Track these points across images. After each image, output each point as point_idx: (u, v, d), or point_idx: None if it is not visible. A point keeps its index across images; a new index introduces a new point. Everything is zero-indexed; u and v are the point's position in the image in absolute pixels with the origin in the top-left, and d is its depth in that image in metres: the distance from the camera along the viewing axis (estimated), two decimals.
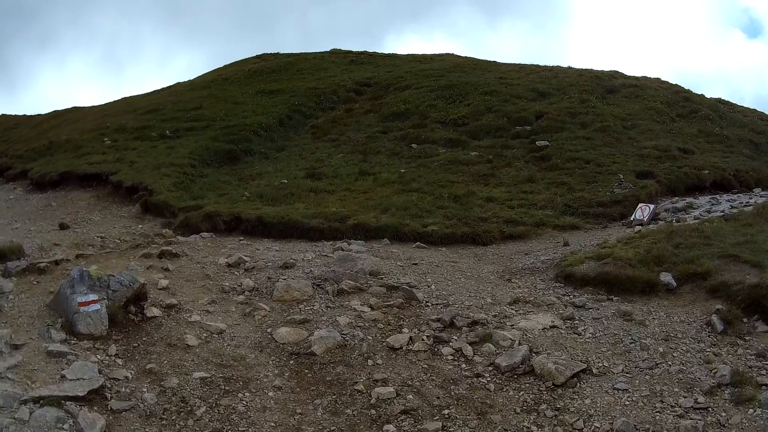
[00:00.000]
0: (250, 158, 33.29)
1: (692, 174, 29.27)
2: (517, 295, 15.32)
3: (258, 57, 59.79)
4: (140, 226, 23.34)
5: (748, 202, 24.59)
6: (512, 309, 14.38)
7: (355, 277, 15.59)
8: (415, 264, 17.91)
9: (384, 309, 13.99)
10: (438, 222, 22.57)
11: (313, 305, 14.11)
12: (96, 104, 54.35)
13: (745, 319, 13.19)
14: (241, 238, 21.00)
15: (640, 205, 23.78)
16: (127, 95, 55.65)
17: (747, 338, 12.58)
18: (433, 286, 15.69)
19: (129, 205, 26.31)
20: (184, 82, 56.88)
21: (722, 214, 22.10)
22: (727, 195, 28.04)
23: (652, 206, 23.46)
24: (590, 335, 13.16)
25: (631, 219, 23.20)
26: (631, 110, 38.91)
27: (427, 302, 14.55)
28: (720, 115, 41.82)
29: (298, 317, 13.46)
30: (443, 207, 24.53)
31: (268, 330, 13.04)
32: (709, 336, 12.85)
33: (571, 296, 15.27)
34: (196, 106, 41.61)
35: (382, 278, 15.93)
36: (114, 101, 53.59)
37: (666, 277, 15.14)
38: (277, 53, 60.37)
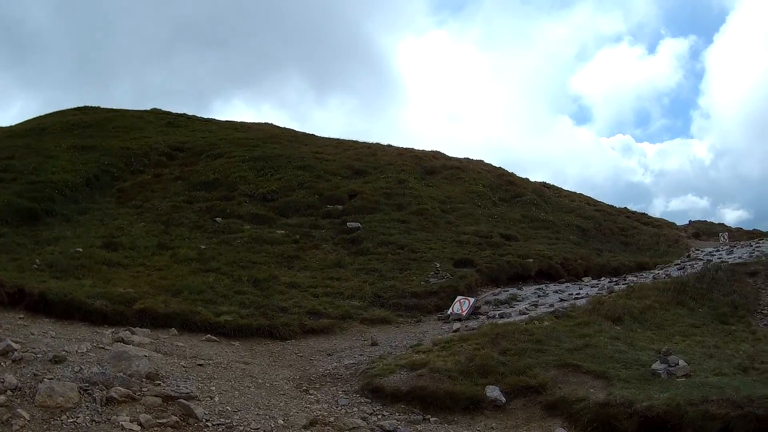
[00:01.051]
0: (51, 219, 29.90)
1: (516, 262, 27.08)
2: (314, 413, 12.05)
3: (78, 109, 55.58)
4: None
5: (578, 294, 22.79)
6: None
7: (129, 382, 12.14)
8: (201, 365, 14.59)
9: (156, 428, 10.65)
10: (233, 311, 19.52)
11: (78, 417, 10.61)
12: None
13: None
14: (22, 315, 17.91)
15: (458, 298, 21.31)
16: None
17: None
18: (216, 398, 12.32)
19: None
20: (5, 127, 51.99)
21: (551, 308, 19.96)
22: (554, 284, 26.10)
23: (471, 300, 21.00)
24: None
25: (449, 313, 20.69)
26: (451, 193, 36.90)
27: (207, 421, 11.15)
28: (545, 199, 40.37)
29: None
30: (241, 292, 21.53)
31: None
32: None
33: (380, 416, 12.22)
34: (8, 155, 38.01)
35: (159, 384, 12.48)
36: None
37: (493, 392, 12.40)
38: (98, 107, 56.07)
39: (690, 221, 58.85)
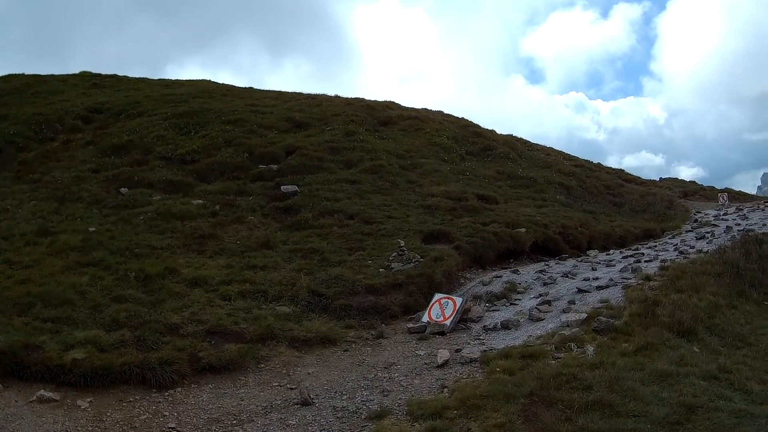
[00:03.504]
0: None
1: (504, 234, 19.67)
2: None
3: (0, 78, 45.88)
4: None
5: (596, 278, 16.04)
6: None
7: None
8: None
9: None
10: (93, 338, 11.60)
11: None
12: None
13: None
14: None
15: (436, 296, 13.86)
16: None
17: None
18: None
19: None
20: None
21: (576, 313, 12.92)
22: (556, 262, 19.37)
23: (457, 301, 13.55)
24: None
25: (424, 321, 13.34)
26: (410, 146, 29.52)
27: None
28: (519, 153, 33.15)
29: None
30: (121, 298, 13.84)
31: None
32: None
33: None
34: None
35: None
36: None
37: None
38: (22, 74, 46.14)
39: (660, 178, 53.82)
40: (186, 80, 47.31)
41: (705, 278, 14.57)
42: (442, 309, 13.22)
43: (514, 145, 34.55)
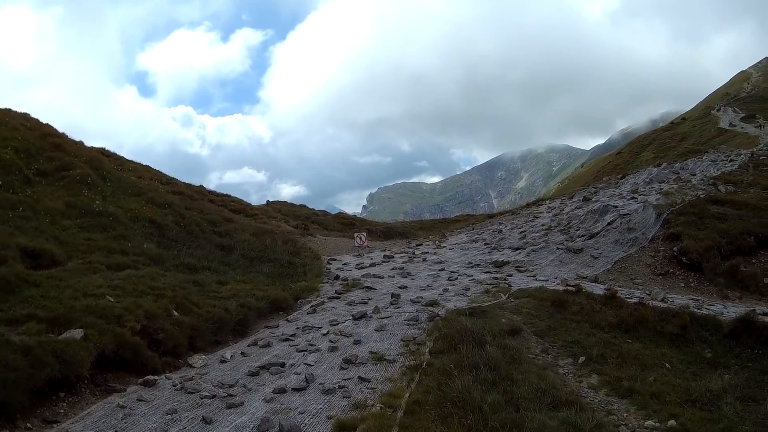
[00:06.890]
0: None
1: (45, 351, 9.59)
2: None
3: None
4: None
5: None
6: None
7: None
8: None
9: None
10: None
11: None
12: None
13: None
14: None
15: None
16: None
17: None
18: None
19: None
20: None
21: None
22: (137, 393, 10.32)
23: None
24: None
25: None
26: None
27: None
28: (104, 175, 23.40)
29: None
30: None
31: None
32: None
33: None
34: None
35: None
36: None
37: None
38: None
39: (268, 201, 46.43)
40: None
41: None
42: None
43: (100, 164, 24.66)
